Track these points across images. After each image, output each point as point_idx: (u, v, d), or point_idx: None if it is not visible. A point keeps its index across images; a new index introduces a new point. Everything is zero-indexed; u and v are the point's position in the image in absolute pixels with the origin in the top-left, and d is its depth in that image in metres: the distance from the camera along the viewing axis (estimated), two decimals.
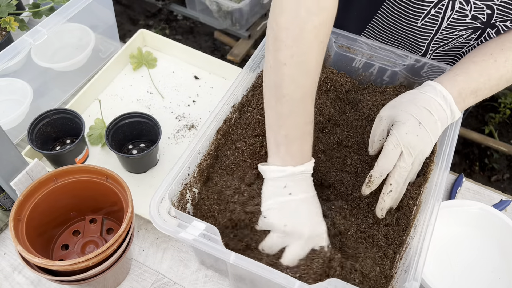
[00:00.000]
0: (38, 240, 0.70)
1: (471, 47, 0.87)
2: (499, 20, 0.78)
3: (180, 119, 1.00)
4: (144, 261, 0.81)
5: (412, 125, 0.70)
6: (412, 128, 0.70)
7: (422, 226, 0.66)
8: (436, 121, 0.71)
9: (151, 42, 1.12)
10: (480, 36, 0.83)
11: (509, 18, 0.77)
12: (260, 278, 0.61)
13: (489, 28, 0.80)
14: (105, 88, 1.04)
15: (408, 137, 0.70)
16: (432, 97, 0.72)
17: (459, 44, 0.87)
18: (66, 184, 0.72)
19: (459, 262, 0.81)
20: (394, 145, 0.70)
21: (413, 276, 0.60)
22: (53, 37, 1.01)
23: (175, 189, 0.70)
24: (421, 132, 0.70)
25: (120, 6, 2.57)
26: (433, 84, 0.73)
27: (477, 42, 0.85)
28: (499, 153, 2.06)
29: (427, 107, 0.71)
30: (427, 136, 0.70)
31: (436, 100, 0.72)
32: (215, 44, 2.44)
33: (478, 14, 0.78)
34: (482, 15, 0.78)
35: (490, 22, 0.79)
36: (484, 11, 0.77)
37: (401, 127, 0.70)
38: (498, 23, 0.79)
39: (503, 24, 0.78)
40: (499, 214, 0.82)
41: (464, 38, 0.84)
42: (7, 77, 0.92)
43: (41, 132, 0.88)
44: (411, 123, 0.70)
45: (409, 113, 0.71)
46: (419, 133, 0.70)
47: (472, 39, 0.84)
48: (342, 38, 0.88)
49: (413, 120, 0.71)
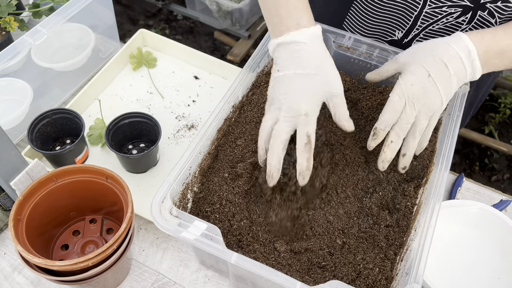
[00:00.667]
0: (38, 240, 0.70)
1: (464, 32, 0.86)
2: (488, 0, 0.76)
3: (180, 119, 1.00)
4: (144, 261, 0.81)
5: (420, 76, 0.68)
6: (419, 79, 0.68)
7: (423, 228, 0.66)
8: (450, 76, 0.68)
9: (151, 42, 1.12)
10: (472, 19, 0.80)
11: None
12: (261, 278, 0.61)
13: (479, 10, 0.78)
14: (105, 88, 1.04)
15: (413, 88, 0.67)
16: (455, 49, 0.69)
17: (451, 25, 0.84)
18: (66, 184, 0.72)
19: (459, 262, 0.81)
20: (398, 96, 0.68)
21: (414, 279, 0.60)
22: (53, 37, 1.01)
23: (177, 188, 0.70)
24: (429, 84, 0.67)
25: (120, 6, 2.57)
26: (462, 36, 0.70)
27: (469, 26, 0.82)
28: (499, 153, 2.06)
29: (445, 60, 0.68)
30: (435, 90, 0.67)
31: (458, 53, 0.68)
32: (215, 44, 2.44)
33: None
34: None
35: (479, 2, 0.77)
36: None
37: (408, 77, 0.68)
38: (488, 4, 0.76)
39: (494, 5, 0.76)
40: (499, 214, 0.82)
41: (454, 18, 0.81)
42: (7, 77, 0.92)
43: (41, 132, 0.88)
44: (419, 74, 0.68)
45: (421, 63, 0.69)
46: (426, 86, 0.67)
47: (463, 22, 0.81)
48: (342, 38, 0.88)
49: (422, 71, 0.68)
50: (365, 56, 0.88)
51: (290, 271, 0.68)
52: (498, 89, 2.23)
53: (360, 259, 0.69)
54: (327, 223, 0.73)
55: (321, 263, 0.69)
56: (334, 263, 0.69)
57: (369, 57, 0.88)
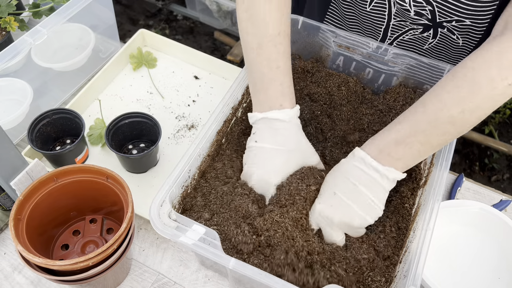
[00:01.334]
0: (38, 240, 0.70)
1: (431, 45, 0.86)
2: (443, 20, 0.77)
3: (180, 119, 1.00)
4: (144, 261, 0.81)
5: (325, 195, 0.69)
6: (325, 198, 0.69)
7: (421, 230, 0.66)
8: (356, 187, 0.67)
9: (151, 42, 1.12)
10: (435, 34, 0.82)
11: (452, 18, 0.76)
12: (259, 283, 0.61)
13: (439, 28, 0.80)
14: (105, 88, 1.04)
15: (321, 206, 0.68)
16: (350, 162, 0.69)
17: (419, 38, 0.86)
18: (66, 184, 0.72)
19: (459, 262, 0.81)
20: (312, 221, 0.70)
21: (412, 281, 0.60)
22: (53, 37, 1.01)
23: (176, 191, 0.69)
24: (335, 201, 0.68)
25: (120, 6, 2.57)
26: (355, 150, 0.70)
27: (436, 40, 0.83)
28: (499, 153, 2.06)
29: (345, 174, 0.68)
30: (344, 205, 0.67)
31: (354, 164, 0.68)
32: (215, 44, 2.44)
33: (421, 10, 0.78)
34: (425, 11, 0.78)
35: (436, 21, 0.78)
36: (426, 7, 0.77)
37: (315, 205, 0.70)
38: (444, 23, 0.78)
39: (450, 25, 0.77)
40: (499, 214, 0.82)
41: (419, 33, 0.83)
42: (7, 77, 0.92)
43: (41, 132, 0.88)
44: (324, 194, 0.69)
45: (326, 184, 0.70)
46: (334, 203, 0.68)
47: (429, 37, 0.83)
48: (342, 38, 0.88)
49: (327, 190, 0.69)
50: (365, 56, 0.88)
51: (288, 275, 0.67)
52: None
53: (359, 260, 0.69)
54: None
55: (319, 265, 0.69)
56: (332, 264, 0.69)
57: (369, 57, 0.88)
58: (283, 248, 0.66)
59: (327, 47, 0.90)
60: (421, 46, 0.88)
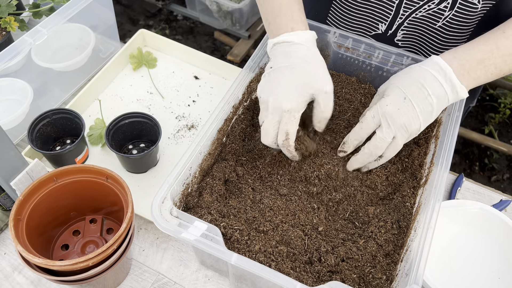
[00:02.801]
0: (38, 240, 0.70)
1: (446, 20, 0.84)
2: None
3: (180, 119, 1.00)
4: (144, 261, 0.81)
5: (395, 97, 0.69)
6: (394, 100, 0.68)
7: (422, 228, 0.66)
8: (427, 96, 0.68)
9: (151, 42, 1.12)
10: (454, 5, 0.79)
11: None
12: (261, 279, 0.61)
13: None
14: (105, 88, 1.04)
15: (388, 108, 0.68)
16: (427, 69, 0.69)
17: (433, 12, 0.83)
18: (66, 184, 0.72)
19: (459, 262, 0.81)
20: (372, 114, 0.70)
21: (414, 280, 0.60)
22: (53, 37, 1.01)
23: (177, 189, 0.70)
24: (404, 106, 0.68)
25: (120, 6, 2.57)
26: (434, 58, 0.70)
27: (452, 12, 0.81)
28: (499, 153, 2.06)
29: (421, 80, 0.68)
30: (411, 111, 0.68)
31: (432, 73, 0.68)
32: (215, 44, 2.44)
33: None
34: None
35: None
36: None
37: (384, 99, 0.70)
38: None
39: None
40: (499, 214, 0.82)
41: (436, 4, 0.81)
42: (7, 77, 0.92)
43: (41, 132, 0.88)
44: (394, 95, 0.69)
45: (397, 86, 0.70)
46: (402, 107, 0.68)
47: (446, 8, 0.80)
48: (341, 37, 0.88)
49: (398, 92, 0.69)
50: (365, 56, 0.88)
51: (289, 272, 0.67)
52: (498, 89, 2.23)
53: (361, 259, 0.69)
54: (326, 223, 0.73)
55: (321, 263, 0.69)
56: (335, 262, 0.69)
57: (368, 57, 0.88)
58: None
59: (327, 47, 0.90)
60: (434, 23, 0.85)
